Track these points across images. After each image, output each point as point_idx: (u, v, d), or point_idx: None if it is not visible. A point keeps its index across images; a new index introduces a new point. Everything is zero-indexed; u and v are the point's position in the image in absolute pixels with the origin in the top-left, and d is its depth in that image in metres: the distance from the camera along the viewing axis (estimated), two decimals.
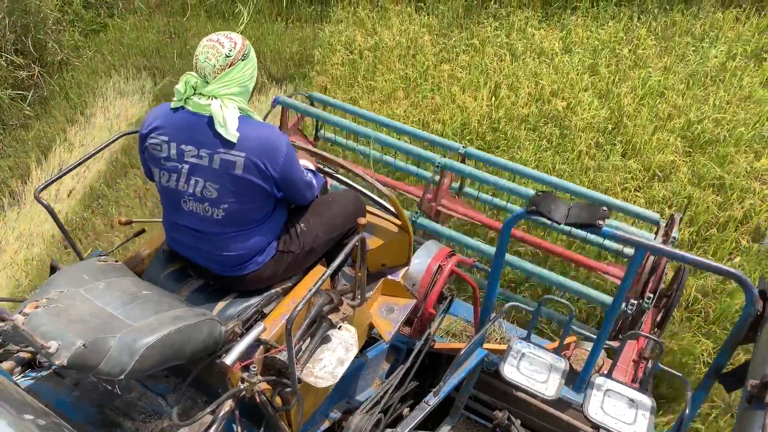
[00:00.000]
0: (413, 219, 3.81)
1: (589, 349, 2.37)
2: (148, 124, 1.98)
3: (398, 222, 2.54)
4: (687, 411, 2.07)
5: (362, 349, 2.68)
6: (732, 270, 1.74)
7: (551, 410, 2.89)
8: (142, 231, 2.48)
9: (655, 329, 3.40)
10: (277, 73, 6.55)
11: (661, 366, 2.29)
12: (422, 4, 6.80)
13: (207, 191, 1.92)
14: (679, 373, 2.25)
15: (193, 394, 2.00)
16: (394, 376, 2.59)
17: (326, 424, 2.46)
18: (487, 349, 2.72)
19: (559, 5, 6.45)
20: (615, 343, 3.11)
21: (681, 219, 3.37)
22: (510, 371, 2.37)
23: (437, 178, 3.81)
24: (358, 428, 2.33)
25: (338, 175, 2.58)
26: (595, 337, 2.41)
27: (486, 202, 4.19)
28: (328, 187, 2.64)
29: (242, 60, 1.91)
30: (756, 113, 5.04)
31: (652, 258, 3.22)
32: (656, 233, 3.30)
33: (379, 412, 2.45)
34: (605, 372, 2.38)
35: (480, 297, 2.74)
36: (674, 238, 3.25)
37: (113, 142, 2.30)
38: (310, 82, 6.19)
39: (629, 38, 5.98)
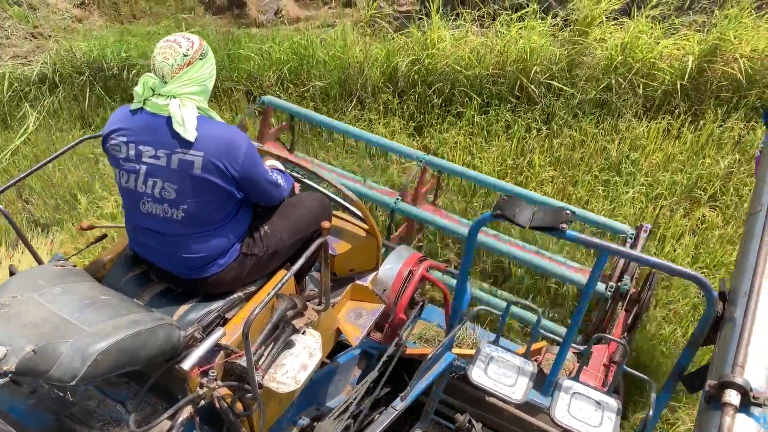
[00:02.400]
0: (393, 205, 3.79)
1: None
2: (109, 126, 1.97)
3: (366, 226, 2.53)
4: (651, 412, 2.07)
5: (333, 355, 2.66)
6: (692, 272, 1.75)
7: (522, 414, 2.88)
8: (104, 236, 2.44)
9: (626, 333, 3.43)
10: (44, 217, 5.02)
11: (626, 368, 2.30)
12: None
13: (165, 192, 1.90)
14: (643, 375, 2.27)
15: (154, 401, 1.96)
16: (364, 382, 2.57)
17: (294, 431, 2.43)
18: (457, 353, 2.72)
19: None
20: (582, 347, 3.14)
21: (650, 229, 3.42)
22: (478, 375, 2.36)
23: (416, 181, 3.84)
24: None
25: (305, 180, 2.57)
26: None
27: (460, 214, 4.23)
28: (296, 191, 2.62)
29: (200, 59, 1.92)
30: None
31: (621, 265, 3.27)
32: (623, 244, 3.37)
33: (348, 419, 2.42)
34: (574, 375, 2.39)
35: (451, 301, 2.73)
36: (645, 238, 3.32)
37: (74, 147, 2.26)
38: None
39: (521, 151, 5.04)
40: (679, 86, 5.16)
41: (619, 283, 3.19)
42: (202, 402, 1.74)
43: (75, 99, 6.16)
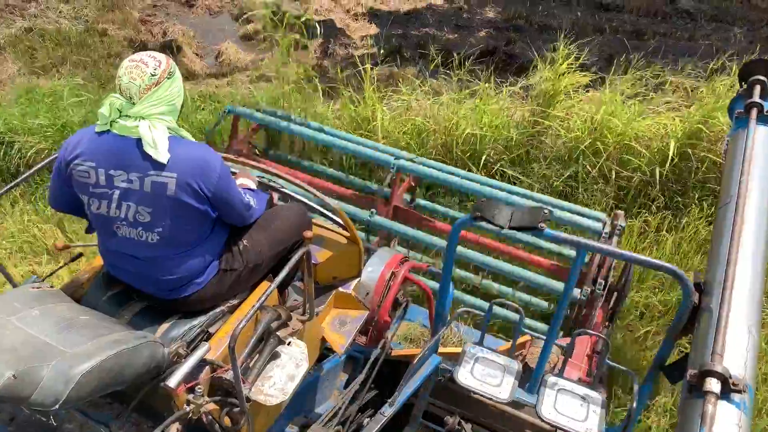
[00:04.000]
0: (368, 219, 3.80)
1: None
2: (70, 150, 1.89)
3: (347, 234, 2.53)
4: (635, 404, 2.11)
5: (318, 361, 2.65)
6: (668, 265, 1.79)
7: (510, 410, 2.91)
8: (80, 255, 2.40)
9: (607, 323, 3.48)
10: None
11: (609, 362, 2.34)
12: None
13: (140, 215, 1.86)
14: (625, 368, 2.31)
15: (137, 420, 1.93)
16: (351, 387, 2.57)
17: None
18: (443, 353, 2.73)
19: None
20: (566, 340, 3.19)
21: (623, 229, 3.49)
22: (464, 376, 2.38)
23: (388, 187, 3.87)
24: None
25: (284, 189, 2.56)
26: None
27: (439, 212, 4.25)
28: (275, 201, 2.61)
29: (168, 78, 1.87)
30: None
31: (597, 257, 3.33)
32: (603, 228, 3.45)
33: (336, 425, 2.42)
34: (559, 368, 2.42)
35: (434, 301, 2.75)
36: (621, 227, 3.39)
37: (45, 165, 2.22)
38: None
39: None
40: (658, 174, 4.46)
41: (593, 288, 3.28)
42: (190, 418, 1.72)
43: None
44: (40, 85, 6.15)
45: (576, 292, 3.35)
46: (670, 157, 4.44)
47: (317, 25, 5.73)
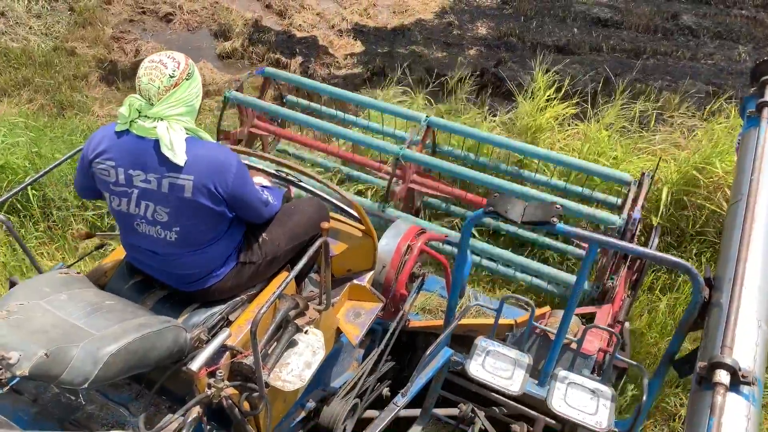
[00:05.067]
0: (380, 209, 3.82)
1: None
2: (93, 148, 1.93)
3: (362, 227, 2.58)
4: (644, 398, 2.14)
5: (336, 334, 2.68)
6: (679, 260, 1.82)
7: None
8: (102, 245, 2.46)
9: (629, 291, 3.46)
10: None
11: (618, 356, 2.37)
12: None
13: (158, 215, 1.91)
14: (634, 362, 2.34)
15: (155, 400, 1.99)
16: (368, 359, 2.60)
17: (302, 414, 2.45)
18: (464, 324, 2.72)
19: None
20: (588, 309, 3.22)
21: (652, 178, 3.43)
22: (476, 369, 2.42)
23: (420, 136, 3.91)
24: (334, 416, 2.34)
25: (302, 183, 2.61)
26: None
27: (457, 175, 4.24)
28: (291, 195, 2.66)
29: (187, 79, 1.88)
30: None
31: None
32: (627, 194, 3.43)
33: (354, 397, 2.46)
34: (579, 338, 2.45)
35: (451, 272, 2.73)
36: (643, 202, 3.38)
37: (70, 158, 2.28)
38: None
39: None
40: (653, 223, 4.10)
41: (605, 282, 3.25)
42: (211, 402, 1.77)
43: None
44: None
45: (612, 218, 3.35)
46: (663, 205, 4.12)
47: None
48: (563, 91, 4.76)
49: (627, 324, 3.20)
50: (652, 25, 8.26)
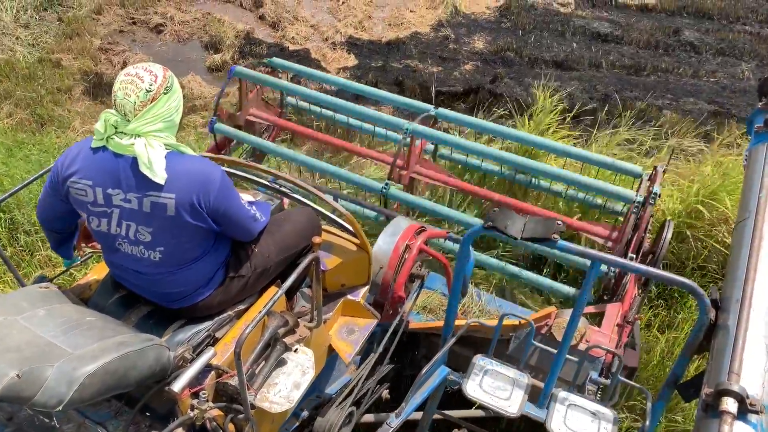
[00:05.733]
0: (383, 190, 3.69)
1: (568, 318, 2.30)
2: (67, 165, 1.82)
3: (356, 241, 2.51)
4: (648, 422, 2.06)
5: (328, 352, 2.59)
6: (685, 280, 1.76)
7: None
8: (90, 256, 2.39)
9: (640, 290, 3.35)
10: None
11: (621, 378, 2.29)
12: None
13: (140, 235, 1.82)
14: (638, 385, 2.26)
15: (136, 418, 1.91)
16: (366, 363, 2.52)
17: (295, 424, 2.37)
18: (461, 323, 2.62)
19: None
20: (597, 308, 3.14)
21: (664, 171, 3.32)
22: (473, 389, 2.34)
23: (407, 141, 3.80)
24: (328, 426, 2.26)
25: (295, 195, 2.55)
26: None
27: (461, 162, 4.16)
28: (285, 206, 2.60)
29: (165, 93, 1.78)
30: None
31: (633, 216, 3.23)
32: (638, 187, 3.31)
33: (350, 405, 2.38)
34: (587, 339, 2.35)
35: (452, 271, 2.64)
36: (655, 193, 3.23)
37: (39, 177, 2.21)
38: None
39: None
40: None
41: (646, 197, 3.11)
42: (194, 424, 1.70)
43: None
44: None
45: (632, 194, 3.27)
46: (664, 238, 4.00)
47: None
48: (567, 117, 4.69)
49: (638, 322, 3.08)
50: (653, 40, 8.10)
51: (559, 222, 1.87)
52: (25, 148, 5.22)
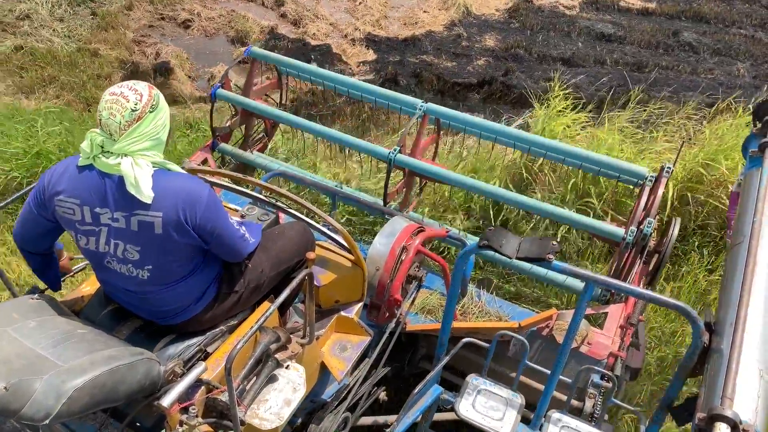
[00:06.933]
0: (391, 155, 3.58)
1: (569, 320, 2.27)
2: (53, 183, 1.80)
3: (351, 257, 2.50)
4: None
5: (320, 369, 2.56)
6: (679, 303, 1.75)
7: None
8: (82, 268, 2.38)
9: (647, 287, 3.29)
10: None
11: (614, 400, 2.27)
12: None
13: (128, 253, 1.80)
14: (631, 407, 2.24)
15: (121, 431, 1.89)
16: (361, 367, 2.49)
17: (287, 430, 2.33)
18: (459, 327, 2.57)
19: None
20: (599, 309, 3.08)
21: (671, 171, 3.24)
22: (465, 408, 2.32)
23: (414, 131, 3.76)
24: None
25: (291, 210, 2.54)
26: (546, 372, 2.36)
27: (457, 182, 3.95)
28: (282, 221, 2.59)
29: (151, 112, 1.75)
30: None
31: (646, 195, 3.18)
32: (641, 188, 3.24)
33: (345, 410, 2.35)
34: (588, 342, 2.33)
35: (450, 272, 2.55)
36: (669, 168, 3.20)
37: (19, 197, 2.20)
38: None
39: None
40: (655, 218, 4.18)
41: (641, 227, 3.02)
42: None
43: None
44: (23, 107, 6.01)
45: (620, 232, 3.18)
46: (669, 201, 4.26)
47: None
48: (578, 105, 4.93)
49: (641, 324, 3.02)
50: (654, 41, 8.55)
51: (554, 242, 1.86)
52: (84, 124, 5.44)
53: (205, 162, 4.14)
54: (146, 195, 1.70)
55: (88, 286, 2.20)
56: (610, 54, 8.07)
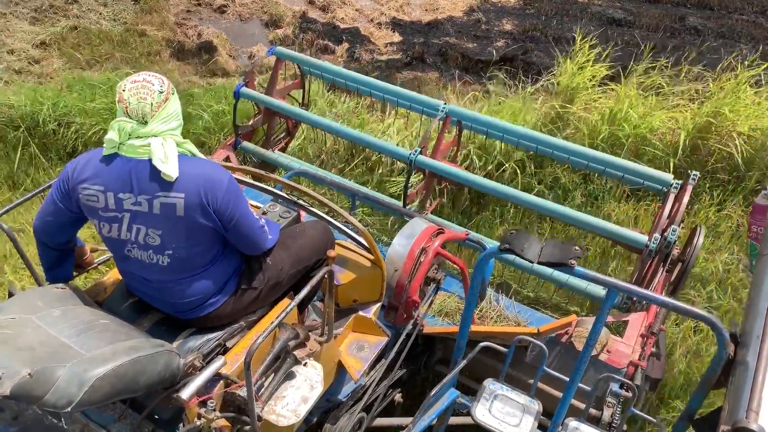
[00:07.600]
0: (412, 156, 3.61)
1: (590, 327, 2.22)
2: (76, 174, 1.86)
3: (371, 257, 2.50)
4: None
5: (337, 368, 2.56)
6: (704, 314, 1.72)
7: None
8: (106, 259, 2.41)
9: (669, 297, 3.26)
10: None
11: (634, 410, 2.24)
12: None
13: (150, 238, 1.85)
14: (652, 418, 2.21)
15: (140, 424, 1.90)
16: (378, 368, 2.49)
17: (303, 429, 2.33)
18: (477, 331, 2.55)
19: None
20: (622, 317, 3.05)
21: (697, 178, 3.22)
22: (482, 413, 2.31)
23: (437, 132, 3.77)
24: None
25: (311, 208, 2.55)
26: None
27: (480, 186, 3.98)
28: (302, 219, 2.60)
29: (173, 93, 1.89)
30: None
31: (671, 201, 3.16)
32: (666, 196, 3.22)
33: (360, 411, 2.35)
34: (608, 350, 2.34)
35: (469, 276, 2.55)
36: (695, 175, 3.21)
37: (42, 191, 2.24)
38: None
39: None
40: (671, 165, 4.69)
41: (665, 235, 3.00)
42: None
43: (7, 157, 5.25)
44: (88, 77, 6.34)
45: (644, 239, 3.17)
46: (680, 148, 4.76)
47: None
48: (593, 54, 5.32)
49: (663, 333, 2.98)
50: (662, 25, 9.16)
51: (577, 248, 1.84)
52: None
53: (227, 159, 4.18)
54: (173, 168, 1.78)
55: (112, 277, 2.22)
56: (621, 37, 8.62)
